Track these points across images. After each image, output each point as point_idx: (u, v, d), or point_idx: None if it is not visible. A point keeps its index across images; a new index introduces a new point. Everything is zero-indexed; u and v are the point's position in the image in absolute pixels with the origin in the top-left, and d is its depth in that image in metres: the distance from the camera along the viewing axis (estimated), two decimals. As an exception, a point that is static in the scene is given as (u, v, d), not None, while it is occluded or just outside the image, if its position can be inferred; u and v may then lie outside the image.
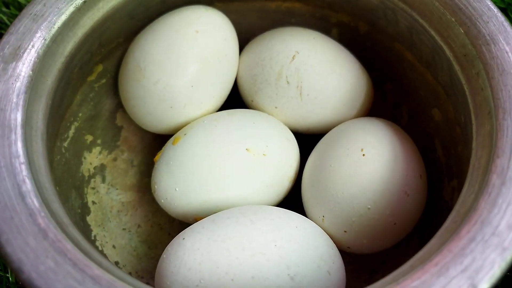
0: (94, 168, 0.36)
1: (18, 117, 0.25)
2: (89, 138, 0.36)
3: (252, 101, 0.36)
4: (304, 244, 0.26)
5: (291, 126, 0.34)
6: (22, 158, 0.24)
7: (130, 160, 0.37)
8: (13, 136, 0.24)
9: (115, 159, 0.37)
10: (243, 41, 0.37)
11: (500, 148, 0.23)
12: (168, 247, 0.28)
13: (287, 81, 0.34)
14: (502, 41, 0.26)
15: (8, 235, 0.21)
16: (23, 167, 0.24)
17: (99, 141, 0.37)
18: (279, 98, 0.34)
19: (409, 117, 0.36)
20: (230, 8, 0.37)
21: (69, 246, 0.22)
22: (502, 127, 0.23)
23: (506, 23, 0.27)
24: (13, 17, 0.45)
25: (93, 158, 0.36)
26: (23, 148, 0.24)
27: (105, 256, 0.33)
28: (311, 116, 0.34)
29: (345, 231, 0.29)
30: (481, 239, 0.20)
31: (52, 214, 0.23)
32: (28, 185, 0.23)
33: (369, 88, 0.35)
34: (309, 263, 0.26)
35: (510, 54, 0.26)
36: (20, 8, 0.46)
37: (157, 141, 0.38)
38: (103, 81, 0.36)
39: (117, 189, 0.36)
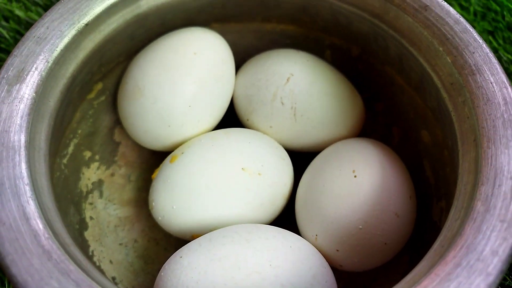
0: (92, 183, 0.37)
1: (22, 138, 0.26)
2: (88, 154, 0.37)
3: (247, 120, 0.37)
4: (298, 263, 0.27)
5: (285, 145, 0.36)
6: (26, 179, 0.25)
7: (127, 176, 0.38)
8: (17, 158, 0.25)
9: (112, 175, 0.38)
10: (240, 61, 0.38)
11: (485, 175, 0.24)
12: (165, 265, 0.29)
13: (282, 102, 0.35)
14: (487, 72, 0.28)
15: (14, 257, 0.22)
16: (27, 188, 0.24)
17: (97, 157, 0.37)
18: (274, 118, 0.35)
19: (399, 138, 0.37)
20: (227, 29, 0.38)
21: (72, 267, 0.22)
22: (487, 155, 0.25)
23: (490, 54, 0.28)
24: (12, 31, 0.46)
25: (91, 174, 0.37)
26: (27, 169, 0.25)
27: (102, 271, 0.34)
28: (304, 135, 0.35)
29: (337, 250, 0.30)
30: (467, 265, 0.21)
31: (55, 234, 0.24)
32: (32, 206, 0.24)
33: (361, 109, 0.37)
34: (303, 282, 0.27)
35: (494, 84, 0.27)
36: (20, 22, 0.47)
37: (154, 157, 0.39)
38: (102, 98, 0.37)
39: (114, 204, 0.37)
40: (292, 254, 0.28)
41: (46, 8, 0.48)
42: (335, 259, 0.30)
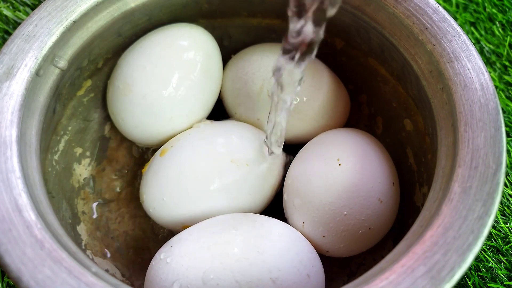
0: (84, 179, 0.37)
1: (13, 133, 0.26)
2: (79, 150, 0.37)
3: (235, 113, 0.37)
4: (285, 249, 0.28)
5: (273, 136, 0.36)
6: (18, 173, 0.25)
7: (118, 170, 0.39)
8: (8, 152, 0.26)
9: (103, 169, 0.39)
10: (227, 55, 0.39)
11: (462, 158, 0.25)
12: (157, 254, 0.29)
13: (268, 95, 0.36)
14: (465, 59, 0.28)
15: (7, 246, 0.23)
16: (19, 181, 0.25)
17: (88, 153, 0.38)
18: (261, 111, 0.36)
19: (384, 126, 0.38)
20: (214, 24, 0.39)
21: (64, 255, 0.23)
22: (464, 139, 0.26)
23: (468, 42, 0.29)
24: (0, 30, 0.46)
25: (82, 170, 0.37)
26: (18, 163, 0.26)
27: (96, 264, 0.34)
28: (291, 127, 0.36)
29: (323, 236, 0.31)
30: (444, 243, 0.22)
31: (48, 225, 0.24)
32: (24, 199, 0.24)
33: (346, 100, 0.37)
34: (289, 267, 0.27)
35: (471, 71, 0.28)
36: (8, 22, 0.47)
37: (143, 151, 0.39)
38: (92, 95, 0.37)
39: (105, 198, 0.38)
40: (279, 240, 0.29)
41: (34, 7, 0.48)
42: (322, 245, 0.31)
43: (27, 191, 0.25)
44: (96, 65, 0.36)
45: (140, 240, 0.36)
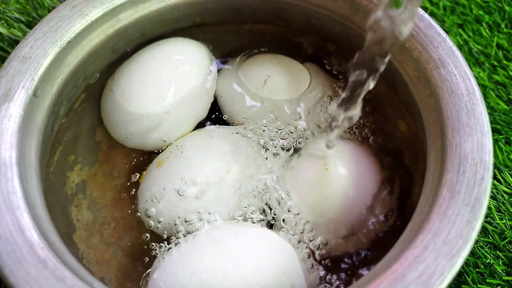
0: (76, 185, 0.37)
1: (13, 155, 0.27)
2: (72, 157, 0.37)
3: (231, 119, 0.38)
4: (267, 261, 0.28)
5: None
6: (19, 194, 0.26)
7: (110, 173, 0.39)
8: (9, 174, 0.26)
9: (95, 174, 0.38)
10: (221, 58, 0.39)
11: (450, 163, 0.25)
12: (151, 269, 0.30)
13: (262, 101, 0.36)
14: (451, 65, 0.29)
15: (11, 267, 0.23)
16: (21, 201, 0.26)
17: (80, 159, 0.38)
18: (255, 117, 0.37)
19: (377, 129, 0.38)
20: (207, 29, 0.40)
21: (67, 273, 0.24)
22: (451, 144, 0.26)
23: (454, 48, 0.30)
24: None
25: (74, 176, 0.37)
26: (19, 184, 0.26)
27: (91, 272, 0.35)
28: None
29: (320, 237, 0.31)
30: (433, 248, 0.23)
31: (50, 244, 0.25)
32: (26, 219, 0.25)
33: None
34: (271, 280, 0.28)
35: (458, 76, 0.29)
36: (3, 39, 0.48)
37: (135, 153, 0.39)
38: (85, 104, 0.38)
39: (98, 203, 0.37)
40: (261, 252, 0.29)
41: (28, 24, 0.49)
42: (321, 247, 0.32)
43: (28, 211, 0.26)
44: (91, 79, 0.37)
45: (136, 246, 0.36)
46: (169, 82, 0.35)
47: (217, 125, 0.38)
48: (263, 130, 0.37)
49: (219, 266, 0.28)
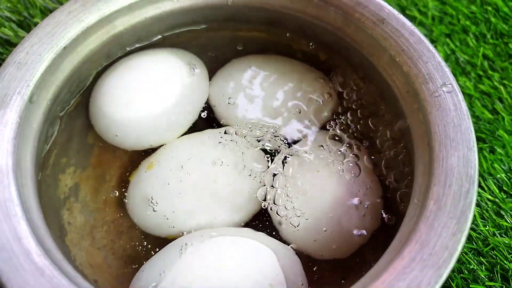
0: (69, 188, 0.37)
1: (9, 162, 0.27)
2: (64, 160, 0.38)
3: (223, 122, 0.39)
4: (252, 273, 0.29)
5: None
6: (16, 201, 0.26)
7: (102, 176, 0.39)
8: (5, 181, 0.27)
9: (87, 177, 0.38)
10: (217, 65, 0.40)
11: (437, 177, 0.27)
12: (134, 278, 0.31)
13: (253, 103, 0.37)
14: (439, 80, 0.30)
15: (8, 275, 0.24)
16: (18, 209, 0.26)
17: (72, 161, 0.38)
18: (246, 120, 0.37)
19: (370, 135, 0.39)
20: (200, 34, 0.40)
21: (64, 281, 0.24)
22: (438, 158, 0.27)
23: (442, 63, 0.31)
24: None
25: (67, 179, 0.38)
26: (16, 191, 0.27)
27: (85, 276, 0.35)
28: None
29: (314, 240, 0.32)
30: (420, 259, 0.24)
31: (47, 251, 0.25)
32: (23, 226, 0.25)
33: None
34: (248, 280, 0.28)
35: (445, 92, 0.30)
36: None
37: (127, 155, 0.40)
38: (79, 108, 0.38)
39: (90, 206, 0.38)
40: (246, 264, 0.29)
41: (19, 23, 0.49)
42: (315, 249, 0.33)
43: (25, 218, 0.26)
44: (85, 83, 0.37)
45: (128, 249, 0.37)
46: (160, 85, 0.36)
47: (209, 129, 0.38)
48: (253, 131, 0.37)
49: (200, 279, 0.28)
